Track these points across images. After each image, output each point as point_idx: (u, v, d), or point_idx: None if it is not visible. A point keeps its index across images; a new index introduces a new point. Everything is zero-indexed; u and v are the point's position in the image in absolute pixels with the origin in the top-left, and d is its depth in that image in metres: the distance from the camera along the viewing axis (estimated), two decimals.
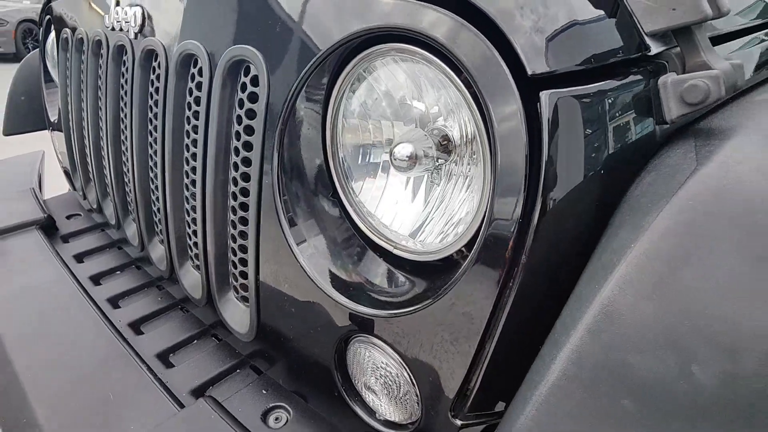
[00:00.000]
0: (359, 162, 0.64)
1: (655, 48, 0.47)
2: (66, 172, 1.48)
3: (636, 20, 0.47)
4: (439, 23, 0.48)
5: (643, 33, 0.47)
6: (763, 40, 0.71)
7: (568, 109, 0.44)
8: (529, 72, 0.43)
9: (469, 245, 0.54)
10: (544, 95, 0.43)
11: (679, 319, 0.33)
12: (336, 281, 0.61)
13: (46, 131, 1.69)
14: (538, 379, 0.38)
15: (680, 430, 0.32)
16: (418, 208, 0.63)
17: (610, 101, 0.47)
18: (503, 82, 0.44)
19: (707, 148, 0.44)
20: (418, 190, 0.64)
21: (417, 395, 0.56)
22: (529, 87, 0.44)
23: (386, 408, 0.62)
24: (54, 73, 1.47)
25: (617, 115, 0.47)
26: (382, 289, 0.59)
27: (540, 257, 0.45)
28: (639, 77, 0.48)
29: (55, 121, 1.43)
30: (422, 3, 0.49)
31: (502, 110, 0.44)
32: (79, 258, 1.19)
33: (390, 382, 0.59)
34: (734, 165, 0.41)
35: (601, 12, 0.47)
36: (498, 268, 0.46)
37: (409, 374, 0.56)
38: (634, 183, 0.46)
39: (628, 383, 0.34)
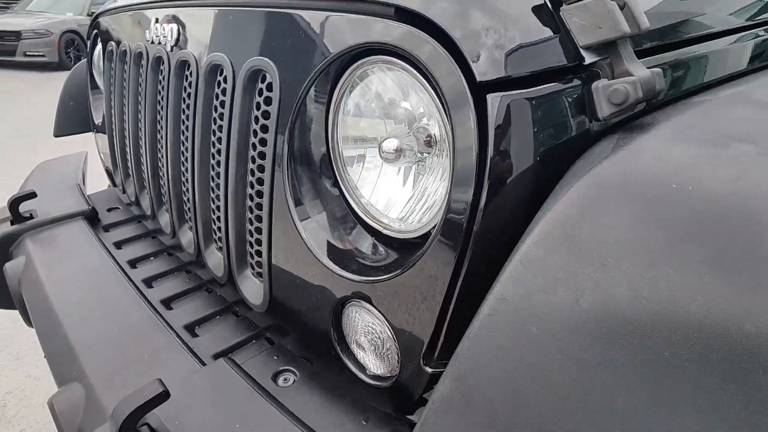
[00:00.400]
0: (356, 154, 0.77)
1: (588, 58, 0.58)
2: (107, 170, 1.67)
3: (572, 36, 0.58)
4: (412, 40, 0.60)
5: (578, 46, 0.58)
6: (715, 47, 0.80)
7: (511, 108, 0.55)
8: (478, 79, 0.55)
9: None
10: (490, 97, 0.55)
11: (573, 265, 0.44)
12: (332, 253, 0.73)
13: (87, 134, 1.90)
14: (475, 318, 0.49)
15: (567, 344, 0.42)
16: (406, 195, 0.75)
17: (550, 102, 0.58)
18: (459, 87, 0.56)
19: (626, 139, 0.55)
20: (407, 180, 0.76)
21: (397, 348, 0.68)
22: (479, 91, 0.55)
23: (373, 363, 0.74)
24: (99, 81, 1.66)
25: (557, 114, 0.58)
26: (369, 259, 0.72)
27: (488, 230, 0.57)
28: (577, 83, 0.59)
29: (100, 124, 1.62)
30: (401, 24, 0.62)
31: (458, 111, 0.56)
32: (119, 245, 1.36)
33: (376, 339, 0.71)
34: (640, 152, 0.51)
35: (542, 29, 0.58)
36: (456, 240, 0.58)
37: (390, 331, 0.68)
38: (569, 169, 0.57)
39: (534, 314, 0.45)
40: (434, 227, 0.68)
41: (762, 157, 0.47)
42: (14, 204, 1.35)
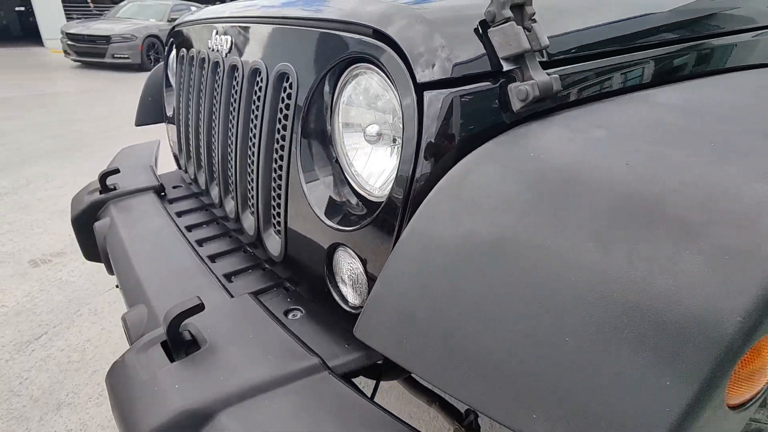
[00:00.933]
0: (350, 135, 1.03)
1: (506, 66, 0.81)
2: (174, 155, 2.04)
3: (494, 49, 0.81)
4: (382, 52, 0.85)
5: (498, 57, 0.81)
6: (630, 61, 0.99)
7: (443, 103, 0.79)
8: (418, 80, 0.79)
9: None
10: (426, 94, 0.79)
11: (456, 207, 0.67)
12: (327, 210, 1.00)
13: (158, 125, 2.31)
14: (397, 243, 0.73)
15: (451, 259, 0.65)
16: (386, 169, 1.00)
17: (476, 99, 0.81)
18: (407, 86, 0.80)
19: (524, 126, 0.77)
20: (390, 158, 1.01)
21: (366, 281, 0.93)
22: (420, 90, 0.80)
23: (352, 295, 1.00)
24: (172, 80, 2.04)
25: (480, 107, 0.81)
26: (352, 213, 0.97)
27: (421, 194, 0.80)
28: (497, 85, 0.82)
29: (170, 116, 2.00)
30: (376, 41, 0.87)
31: (407, 104, 0.81)
32: (179, 214, 1.71)
33: (353, 275, 0.97)
34: (526, 134, 0.73)
35: (474, 44, 0.81)
36: (400, 201, 0.83)
37: (362, 267, 0.94)
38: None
39: (431, 239, 0.68)
40: None
41: (605, 138, 0.68)
42: (103, 177, 1.74)
